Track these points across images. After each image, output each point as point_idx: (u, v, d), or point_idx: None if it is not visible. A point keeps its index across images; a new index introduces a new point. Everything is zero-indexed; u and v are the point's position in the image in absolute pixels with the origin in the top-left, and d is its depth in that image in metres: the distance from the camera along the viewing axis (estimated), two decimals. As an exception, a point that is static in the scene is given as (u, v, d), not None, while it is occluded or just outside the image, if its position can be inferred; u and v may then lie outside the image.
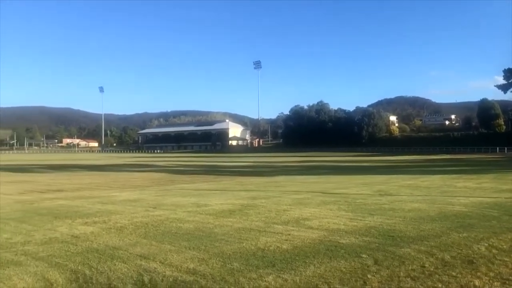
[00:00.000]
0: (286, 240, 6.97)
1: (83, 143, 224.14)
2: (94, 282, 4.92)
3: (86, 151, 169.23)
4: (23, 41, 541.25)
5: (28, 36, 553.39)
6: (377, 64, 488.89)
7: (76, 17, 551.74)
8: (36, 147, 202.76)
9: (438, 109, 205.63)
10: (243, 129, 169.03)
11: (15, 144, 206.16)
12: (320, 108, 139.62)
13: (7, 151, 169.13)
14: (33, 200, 13.50)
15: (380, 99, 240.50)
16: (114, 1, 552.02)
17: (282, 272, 5.19)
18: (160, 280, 4.94)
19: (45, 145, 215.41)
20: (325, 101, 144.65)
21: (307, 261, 5.65)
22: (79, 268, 5.49)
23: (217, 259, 5.82)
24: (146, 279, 4.97)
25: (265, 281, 4.86)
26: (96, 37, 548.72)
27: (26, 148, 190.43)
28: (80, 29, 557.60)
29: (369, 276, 5.02)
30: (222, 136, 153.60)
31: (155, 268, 5.42)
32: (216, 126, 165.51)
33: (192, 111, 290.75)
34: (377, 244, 6.58)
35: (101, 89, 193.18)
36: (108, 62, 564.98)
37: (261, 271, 5.24)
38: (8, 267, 5.56)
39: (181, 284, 4.81)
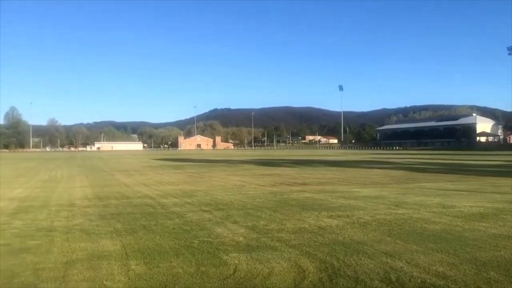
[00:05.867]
0: (557, 253, 5.95)
1: (323, 139, 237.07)
2: (342, 273, 5.14)
3: (326, 147, 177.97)
4: (273, 55, 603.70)
5: (269, 50, 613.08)
6: None
7: (309, 21, 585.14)
8: (282, 144, 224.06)
9: None
10: (494, 124, 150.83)
11: (266, 141, 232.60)
12: None
13: (259, 147, 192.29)
14: (282, 191, 14.83)
15: None
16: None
17: (553, 290, 4.45)
18: (408, 280, 4.83)
19: (290, 141, 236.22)
20: None
21: None
22: (327, 258, 5.80)
23: (470, 265, 5.37)
24: (393, 277, 4.93)
25: (531, 297, 4.26)
26: (336, 40, 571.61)
27: (274, 145, 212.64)
28: (323, 31, 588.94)
29: None
30: (468, 131, 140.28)
31: (401, 267, 5.33)
32: (461, 121, 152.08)
33: (432, 105, 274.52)
34: None
35: (341, 88, 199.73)
36: (346, 61, 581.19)
37: (525, 285, 4.60)
38: (266, 251, 6.27)
39: (430, 287, 4.60)
